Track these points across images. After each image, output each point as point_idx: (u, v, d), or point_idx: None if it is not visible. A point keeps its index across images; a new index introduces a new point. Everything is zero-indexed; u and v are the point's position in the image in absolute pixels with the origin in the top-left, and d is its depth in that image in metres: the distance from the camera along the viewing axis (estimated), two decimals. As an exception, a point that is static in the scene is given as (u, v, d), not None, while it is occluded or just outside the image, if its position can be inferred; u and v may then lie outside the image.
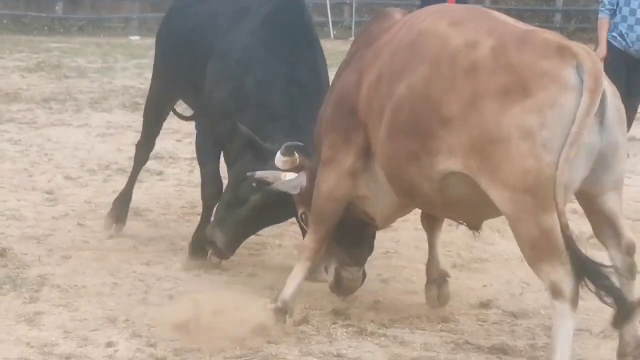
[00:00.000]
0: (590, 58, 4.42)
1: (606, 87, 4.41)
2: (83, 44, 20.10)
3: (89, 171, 9.10)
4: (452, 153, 4.64)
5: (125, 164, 9.02)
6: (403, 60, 4.93)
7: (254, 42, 6.24)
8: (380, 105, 5.03)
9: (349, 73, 5.39)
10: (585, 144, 4.35)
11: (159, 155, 9.73)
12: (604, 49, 10.10)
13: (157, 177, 8.94)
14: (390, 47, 5.09)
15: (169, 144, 10.15)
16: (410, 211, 5.66)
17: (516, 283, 6.24)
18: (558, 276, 4.37)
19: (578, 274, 4.35)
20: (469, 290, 6.12)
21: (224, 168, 6.59)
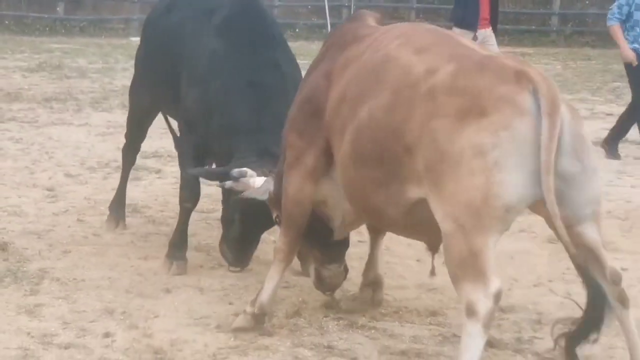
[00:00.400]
0: (546, 83, 4.43)
1: (564, 113, 4.40)
2: (84, 44, 20.28)
3: (89, 169, 9.26)
4: (420, 180, 4.63)
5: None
6: (366, 84, 4.94)
7: (214, 47, 6.29)
8: (343, 124, 5.03)
9: (317, 76, 5.40)
10: (530, 166, 4.33)
11: (158, 154, 9.92)
12: (629, 52, 10.42)
13: (156, 175, 9.10)
14: (357, 66, 5.09)
15: (167, 143, 10.24)
16: None
17: (505, 279, 6.35)
18: (476, 297, 4.34)
19: None
20: (459, 286, 6.25)
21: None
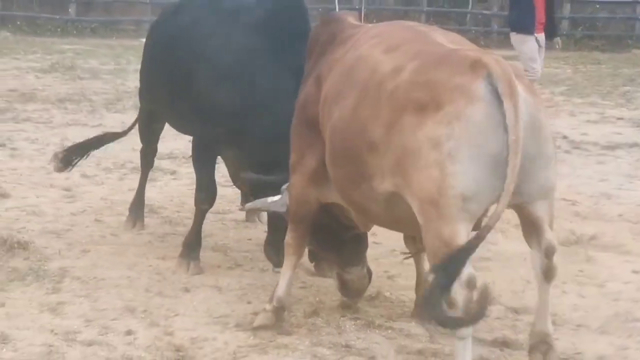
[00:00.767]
0: (500, 65, 4.52)
1: (523, 95, 4.48)
2: (95, 45, 20.37)
3: (104, 170, 9.36)
4: (383, 176, 4.76)
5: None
6: (341, 85, 5.06)
7: (254, 44, 6.28)
8: (324, 125, 5.18)
9: (308, 81, 5.50)
10: (488, 153, 4.43)
11: (173, 155, 10.00)
12: None
13: (171, 177, 9.20)
14: (338, 67, 5.20)
15: (182, 145, 10.36)
16: None
17: (518, 281, 6.45)
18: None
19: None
20: (472, 287, 6.33)
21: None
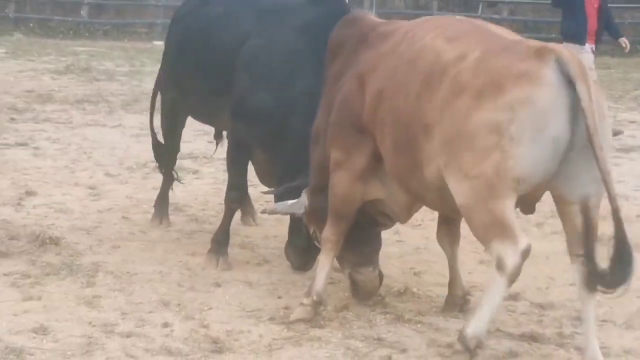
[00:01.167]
0: (568, 51, 4.69)
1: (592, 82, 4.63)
2: (109, 48, 20.52)
3: (127, 169, 9.48)
4: (431, 159, 4.91)
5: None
6: (403, 76, 5.17)
7: (298, 45, 6.35)
8: (383, 119, 5.27)
9: (349, 77, 5.57)
10: (548, 137, 4.58)
11: (193, 155, 10.13)
12: None
13: (194, 176, 9.31)
14: (393, 61, 5.30)
15: (201, 145, 10.53)
16: None
17: (542, 278, 6.56)
18: (506, 253, 4.70)
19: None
20: (497, 284, 6.44)
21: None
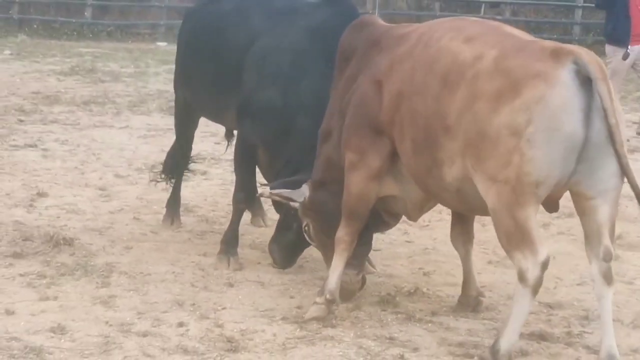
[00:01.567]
0: (587, 52, 4.76)
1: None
2: (113, 49, 20.59)
3: (137, 170, 9.56)
4: (452, 160, 5.03)
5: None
6: (421, 78, 5.25)
7: (308, 46, 6.40)
8: (402, 120, 5.36)
9: (364, 80, 5.65)
10: (564, 138, 4.66)
11: (201, 156, 10.13)
12: None
13: (202, 177, 9.39)
14: (410, 63, 5.38)
15: (209, 146, 10.62)
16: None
17: (550, 278, 6.59)
18: (526, 266, 4.84)
19: None
20: (506, 283, 6.53)
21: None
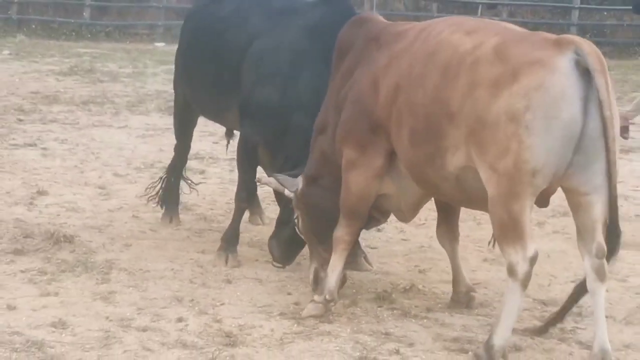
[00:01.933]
0: (588, 43, 4.80)
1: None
2: (111, 49, 20.66)
3: (135, 169, 9.64)
4: (457, 147, 5.04)
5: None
6: (421, 71, 5.29)
7: (305, 45, 6.49)
8: (400, 113, 5.39)
9: (361, 76, 5.69)
10: (562, 126, 4.68)
11: (199, 156, 10.29)
12: None
13: (200, 176, 9.45)
14: (408, 58, 5.42)
15: (207, 146, 10.71)
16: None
17: (544, 275, 6.73)
18: (516, 260, 4.89)
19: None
20: (500, 281, 6.59)
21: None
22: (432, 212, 7.69)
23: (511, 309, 5.01)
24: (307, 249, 6.65)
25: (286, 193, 6.15)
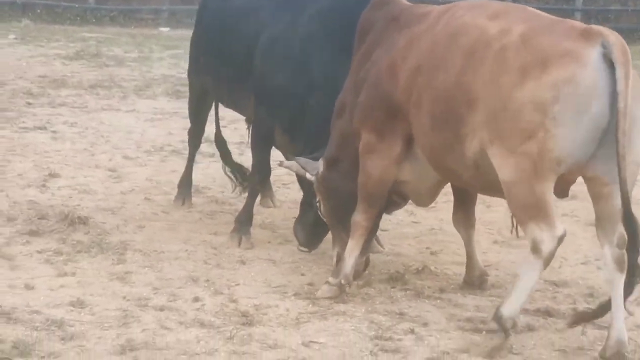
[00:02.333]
0: (615, 35, 4.81)
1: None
2: (116, 34, 20.66)
3: (145, 152, 9.69)
4: (475, 133, 5.04)
5: (179, 146, 9.66)
6: (442, 53, 5.28)
7: (319, 31, 6.49)
8: (419, 95, 5.37)
9: (380, 57, 5.69)
10: (589, 118, 4.72)
11: (209, 139, 10.26)
12: None
13: (211, 159, 9.50)
14: (429, 39, 5.41)
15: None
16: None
17: (554, 258, 6.72)
18: (542, 237, 4.92)
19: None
20: (511, 263, 6.68)
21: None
22: (442, 196, 7.77)
23: (525, 285, 5.03)
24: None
25: (307, 177, 6.19)
